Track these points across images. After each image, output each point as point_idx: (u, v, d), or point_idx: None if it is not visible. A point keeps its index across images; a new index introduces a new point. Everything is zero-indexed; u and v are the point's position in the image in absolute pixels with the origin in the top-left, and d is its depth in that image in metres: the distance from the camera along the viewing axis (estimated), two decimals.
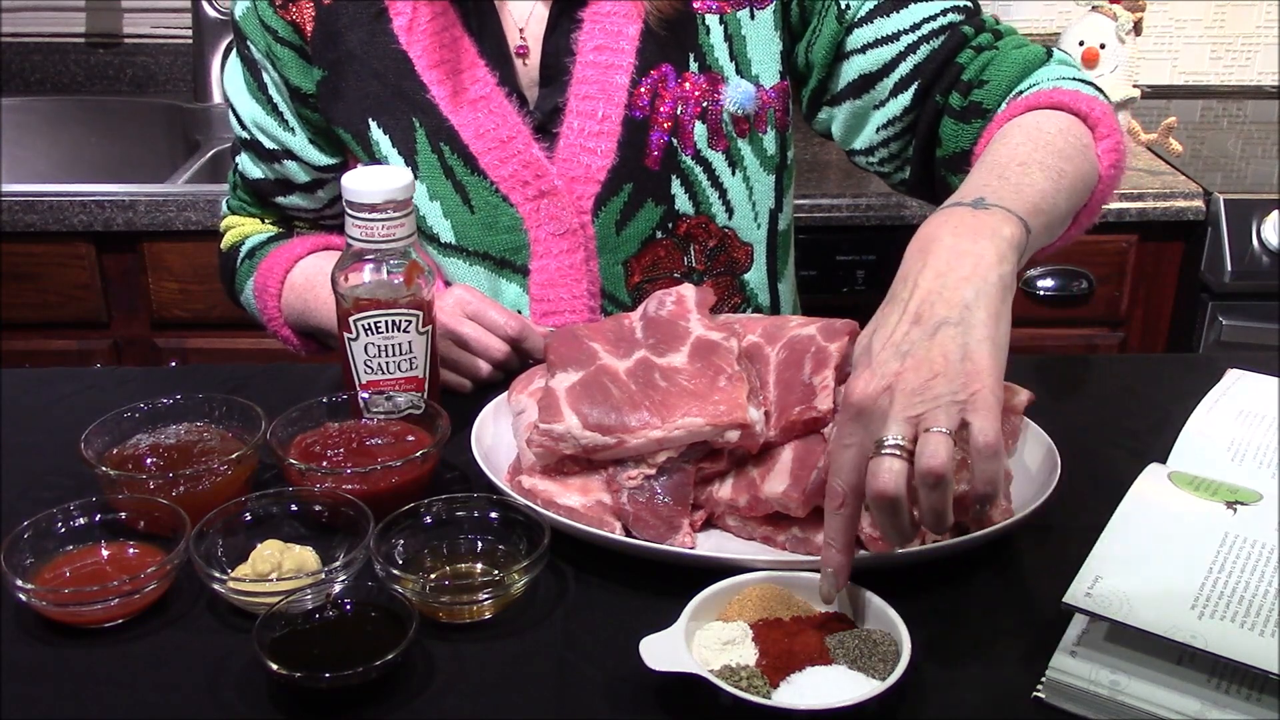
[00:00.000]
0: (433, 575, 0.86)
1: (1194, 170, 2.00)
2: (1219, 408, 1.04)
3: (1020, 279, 1.95)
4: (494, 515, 0.90)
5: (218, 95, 2.27)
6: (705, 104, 1.17)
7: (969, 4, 1.15)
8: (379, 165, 1.17)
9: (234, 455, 0.94)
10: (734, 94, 1.17)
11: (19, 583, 0.81)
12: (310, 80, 1.21)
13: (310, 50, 1.20)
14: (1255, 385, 1.08)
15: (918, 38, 1.13)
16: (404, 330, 0.99)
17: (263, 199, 1.32)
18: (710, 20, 1.17)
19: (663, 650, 0.74)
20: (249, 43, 1.23)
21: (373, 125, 1.20)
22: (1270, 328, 1.90)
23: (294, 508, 0.91)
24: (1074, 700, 0.73)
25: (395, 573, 0.82)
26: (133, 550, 0.87)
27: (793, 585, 0.82)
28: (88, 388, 1.18)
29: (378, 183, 0.96)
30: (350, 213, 0.97)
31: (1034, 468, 0.95)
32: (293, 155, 1.26)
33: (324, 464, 0.95)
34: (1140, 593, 0.72)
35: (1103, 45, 2.03)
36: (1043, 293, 1.97)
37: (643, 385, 0.92)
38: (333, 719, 0.75)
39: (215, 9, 2.24)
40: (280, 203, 1.31)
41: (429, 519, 0.89)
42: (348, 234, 0.98)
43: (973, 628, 0.82)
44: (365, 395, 1.01)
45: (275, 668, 0.74)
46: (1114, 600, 0.72)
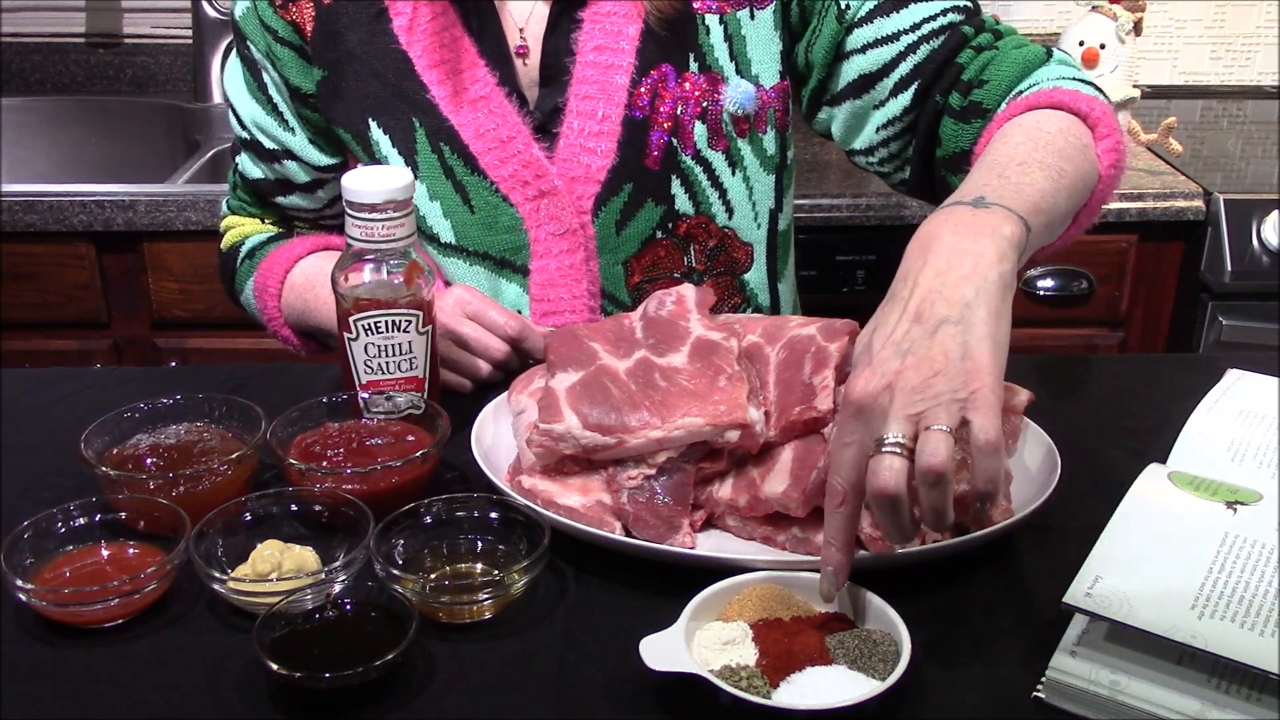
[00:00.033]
0: (433, 575, 0.86)
1: (1194, 170, 2.00)
2: (1219, 408, 1.04)
3: (1020, 279, 1.95)
4: (494, 515, 0.90)
5: (218, 95, 2.27)
6: (705, 104, 1.17)
7: (969, 4, 1.15)
8: (379, 165, 1.17)
9: (234, 455, 0.94)
10: (734, 94, 1.17)
11: (19, 583, 0.81)
12: (310, 80, 1.21)
13: (310, 50, 1.20)
14: (1255, 385, 1.07)
15: (918, 38, 1.13)
16: (404, 330, 0.99)
17: (263, 199, 1.32)
18: (710, 20, 1.17)
19: (663, 650, 0.74)
20: (249, 43, 1.23)
21: (373, 125, 1.20)
22: (1270, 328, 1.90)
23: (294, 508, 0.91)
24: (1074, 700, 0.73)
25: (395, 573, 0.82)
26: (133, 550, 0.87)
27: (793, 585, 0.82)
28: (88, 388, 1.18)
29: (378, 183, 0.96)
30: (350, 213, 0.97)
31: (1034, 468, 0.95)
32: (293, 155, 1.26)
33: (324, 464, 0.95)
34: (1140, 593, 0.72)
35: (1103, 45, 2.02)
36: (1043, 293, 1.97)
37: (643, 385, 0.92)
38: (333, 719, 0.75)
39: (215, 9, 2.24)
40: (280, 203, 1.31)
41: (429, 519, 0.89)
42: (348, 234, 0.98)
43: (973, 628, 0.82)
44: (365, 395, 1.01)
45: (275, 668, 0.74)
46: (1114, 600, 0.72)
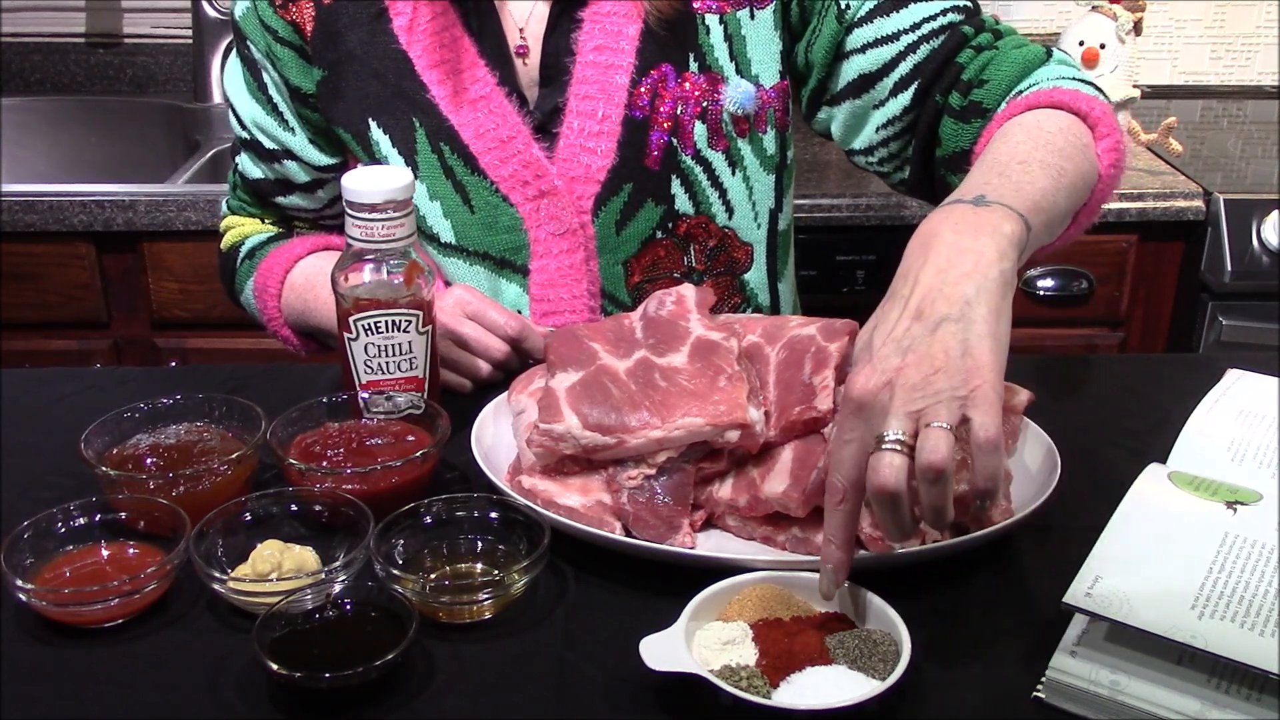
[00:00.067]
0: (433, 575, 0.86)
1: (1194, 170, 2.00)
2: (1219, 408, 1.04)
3: (1021, 279, 1.95)
4: (494, 515, 0.90)
5: (218, 95, 2.27)
6: (705, 104, 1.17)
7: (969, 4, 1.15)
8: (379, 165, 1.17)
9: (234, 455, 0.94)
10: (734, 94, 1.17)
11: (19, 583, 0.81)
12: (310, 80, 1.21)
13: (310, 50, 1.20)
14: (1255, 385, 1.07)
15: (918, 37, 1.13)
16: (404, 330, 0.99)
17: (263, 199, 1.32)
18: (710, 20, 1.17)
19: (663, 650, 0.74)
20: (249, 43, 1.23)
21: (373, 125, 1.20)
22: (1270, 328, 1.90)
23: (294, 508, 0.91)
24: (1074, 700, 0.73)
25: (395, 573, 0.82)
26: (133, 550, 0.87)
27: (793, 585, 0.82)
28: (88, 388, 1.18)
29: (378, 183, 0.96)
30: (350, 213, 0.97)
31: (1034, 468, 0.95)
32: (293, 155, 1.26)
33: (324, 464, 0.95)
34: (1140, 593, 0.72)
35: (1103, 45, 2.02)
36: (1043, 293, 1.97)
37: (643, 385, 0.92)
38: (333, 719, 0.75)
39: (215, 9, 2.24)
40: (280, 203, 1.31)
41: (429, 519, 0.89)
42: (348, 234, 0.98)
43: (973, 628, 0.82)
44: (365, 395, 1.01)
45: (275, 668, 0.74)
46: (1114, 600, 0.72)
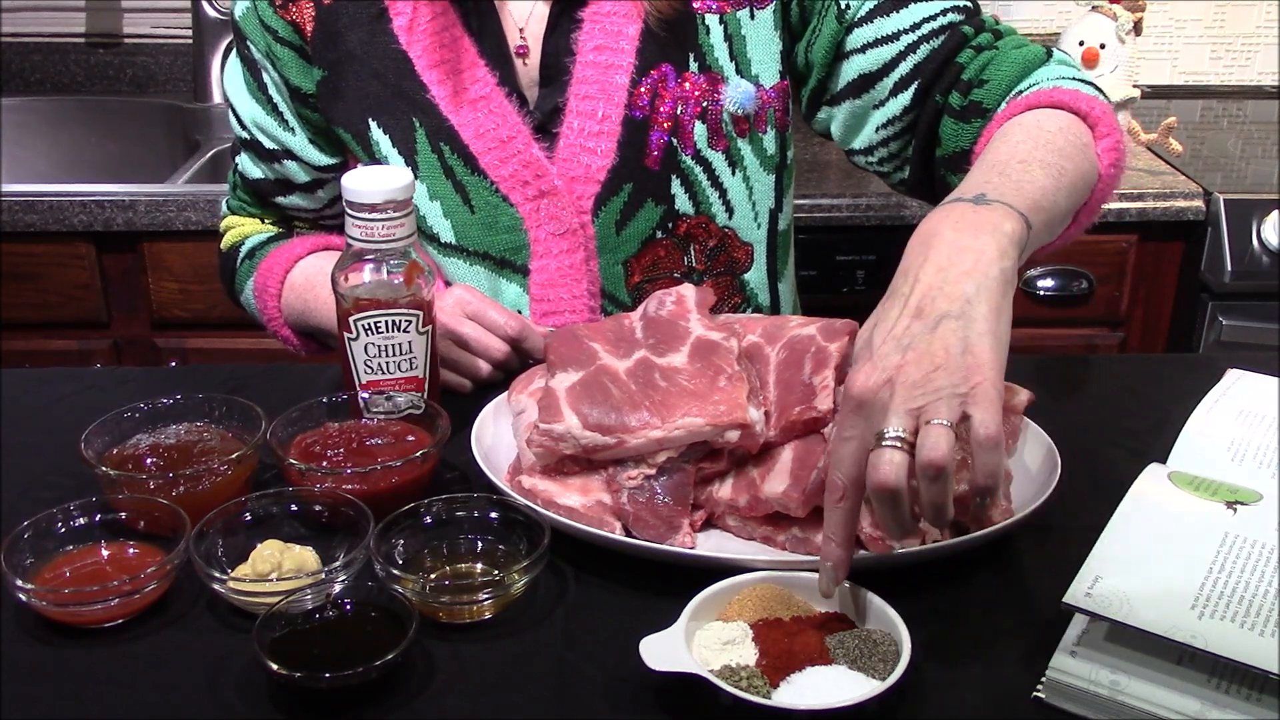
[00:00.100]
0: (433, 575, 0.86)
1: (1194, 170, 2.00)
2: (1219, 408, 1.04)
3: (1021, 278, 1.95)
4: (494, 515, 0.90)
5: (218, 95, 2.27)
6: (705, 104, 1.17)
7: (969, 4, 1.15)
8: (379, 165, 1.17)
9: (234, 455, 0.94)
10: (734, 94, 1.17)
11: (19, 583, 0.81)
12: (310, 80, 1.21)
13: (310, 50, 1.20)
14: (1255, 385, 1.07)
15: (918, 37, 1.13)
16: (404, 330, 0.99)
17: (263, 199, 1.32)
18: (710, 20, 1.17)
19: (663, 650, 0.74)
20: (249, 43, 1.23)
21: (373, 125, 1.20)
22: (1270, 328, 1.90)
23: (294, 508, 0.91)
24: (1074, 700, 0.73)
25: (395, 573, 0.82)
26: (133, 550, 0.87)
27: (793, 585, 0.82)
28: (88, 388, 1.18)
29: (378, 183, 0.96)
30: (350, 213, 0.97)
31: (1034, 468, 0.95)
32: (293, 155, 1.26)
33: (324, 464, 0.95)
34: (1140, 593, 0.72)
35: (1103, 45, 2.02)
36: (1043, 293, 1.97)
37: (643, 385, 0.92)
38: (333, 719, 0.75)
39: (215, 9, 2.24)
40: (280, 203, 1.31)
41: (429, 519, 0.89)
42: (348, 234, 0.98)
43: (973, 628, 0.82)
44: (365, 395, 1.01)
45: (275, 668, 0.74)
46: (1114, 600, 0.72)
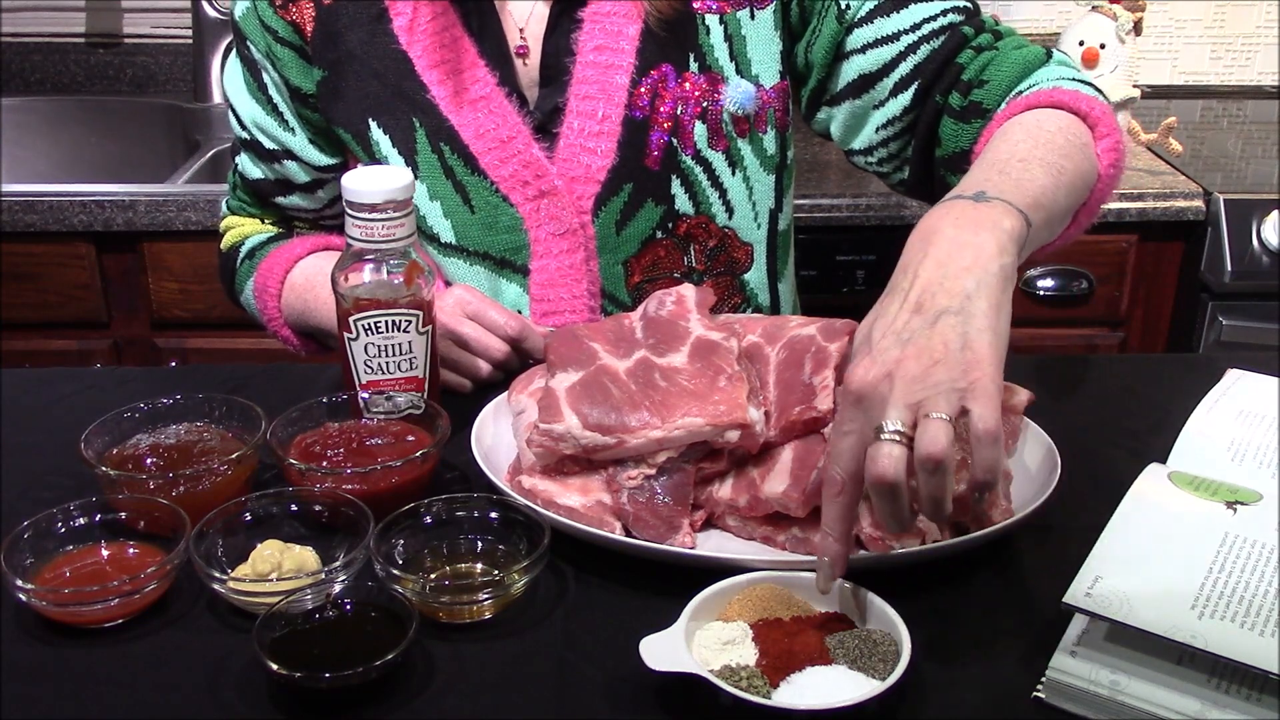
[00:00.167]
0: (433, 575, 0.86)
1: (1194, 170, 2.00)
2: (1219, 408, 1.04)
3: (1021, 278, 1.95)
4: (494, 515, 0.90)
5: (218, 95, 2.27)
6: (705, 104, 1.17)
7: (969, 4, 1.15)
8: (379, 165, 1.17)
9: (234, 455, 0.94)
10: (734, 94, 1.17)
11: (19, 583, 0.81)
12: (310, 80, 1.21)
13: (310, 50, 1.20)
14: (1255, 385, 1.07)
15: (918, 38, 1.13)
16: (404, 330, 0.99)
17: (263, 199, 1.32)
18: (710, 20, 1.17)
19: (663, 650, 0.74)
20: (249, 43, 1.23)
21: (373, 125, 1.20)
22: (1270, 328, 1.90)
23: (294, 508, 0.91)
24: (1074, 700, 0.73)
25: (395, 573, 0.82)
26: (133, 550, 0.87)
27: (793, 585, 0.82)
28: (88, 388, 1.18)
29: (378, 183, 0.96)
30: (350, 213, 0.97)
31: (1034, 468, 0.95)
32: (293, 155, 1.26)
33: (324, 464, 0.95)
34: (1140, 593, 0.72)
35: (1103, 45, 2.02)
36: (1043, 293, 1.97)
37: (643, 385, 0.92)
38: (333, 719, 0.75)
39: (215, 9, 2.24)
40: (280, 203, 1.31)
41: (429, 519, 0.89)
42: (348, 234, 0.98)
43: (973, 628, 0.82)
44: (365, 395, 1.01)
45: (275, 668, 0.74)
46: (1114, 600, 0.72)
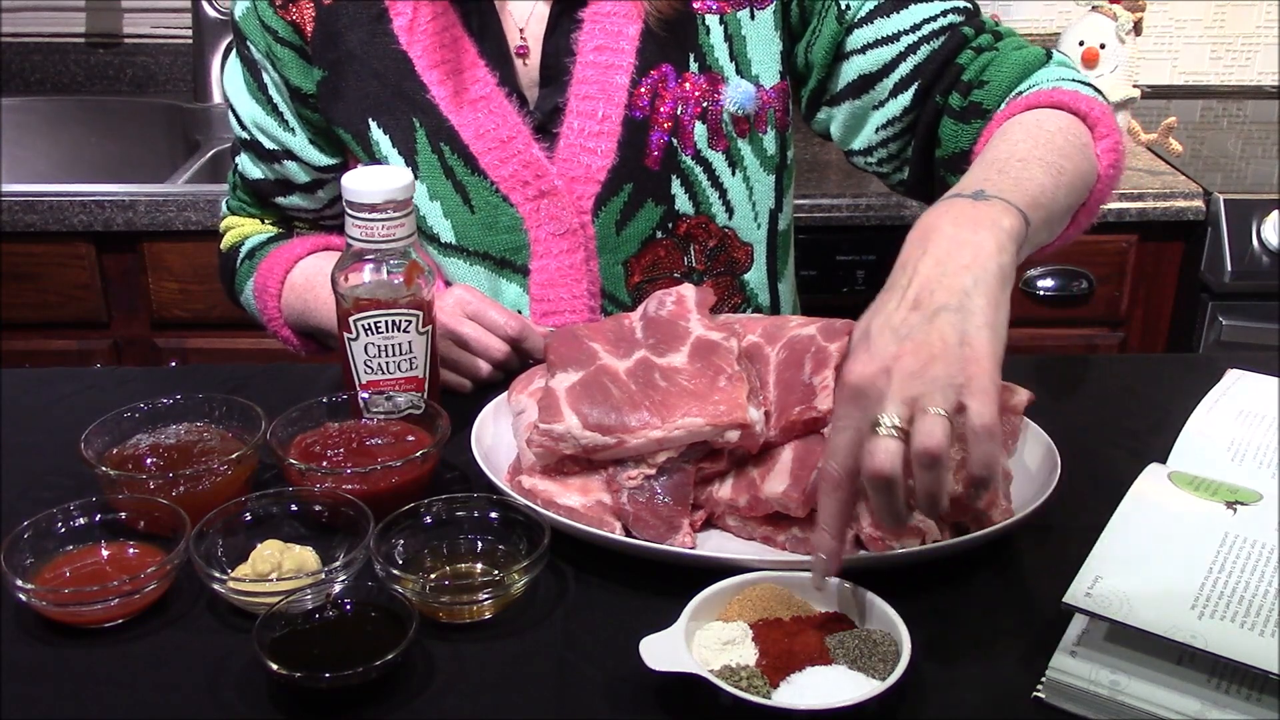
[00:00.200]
0: (433, 575, 0.86)
1: (1194, 170, 2.00)
2: (1219, 408, 1.04)
3: (1020, 278, 1.95)
4: (494, 515, 0.90)
5: (218, 95, 2.27)
6: (705, 104, 1.17)
7: (969, 5, 1.15)
8: (379, 165, 1.17)
9: (234, 455, 0.94)
10: (734, 94, 1.17)
11: (19, 583, 0.81)
12: (310, 80, 1.21)
13: (310, 50, 1.20)
14: (1255, 385, 1.07)
15: (918, 38, 1.13)
16: (404, 330, 0.99)
17: (263, 199, 1.32)
18: (710, 20, 1.17)
19: (663, 650, 0.74)
20: (249, 43, 1.23)
21: (373, 125, 1.20)
22: (1270, 328, 1.90)
23: (294, 508, 0.91)
24: (1074, 700, 0.73)
25: (395, 573, 0.82)
26: (133, 550, 0.87)
27: (793, 585, 0.82)
28: (88, 388, 1.18)
29: (378, 183, 0.96)
30: (350, 213, 0.97)
31: (1034, 468, 0.95)
32: (293, 155, 1.26)
33: (324, 464, 0.95)
34: (1140, 593, 0.72)
35: (1103, 45, 2.02)
36: (1043, 293, 1.97)
37: (643, 385, 0.92)
38: (333, 719, 0.75)
39: (215, 9, 2.24)
40: (280, 203, 1.31)
41: (429, 519, 0.89)
42: (348, 234, 0.98)
43: (973, 628, 0.82)
44: (365, 395, 1.01)
45: (275, 668, 0.74)
46: (1114, 600, 0.72)
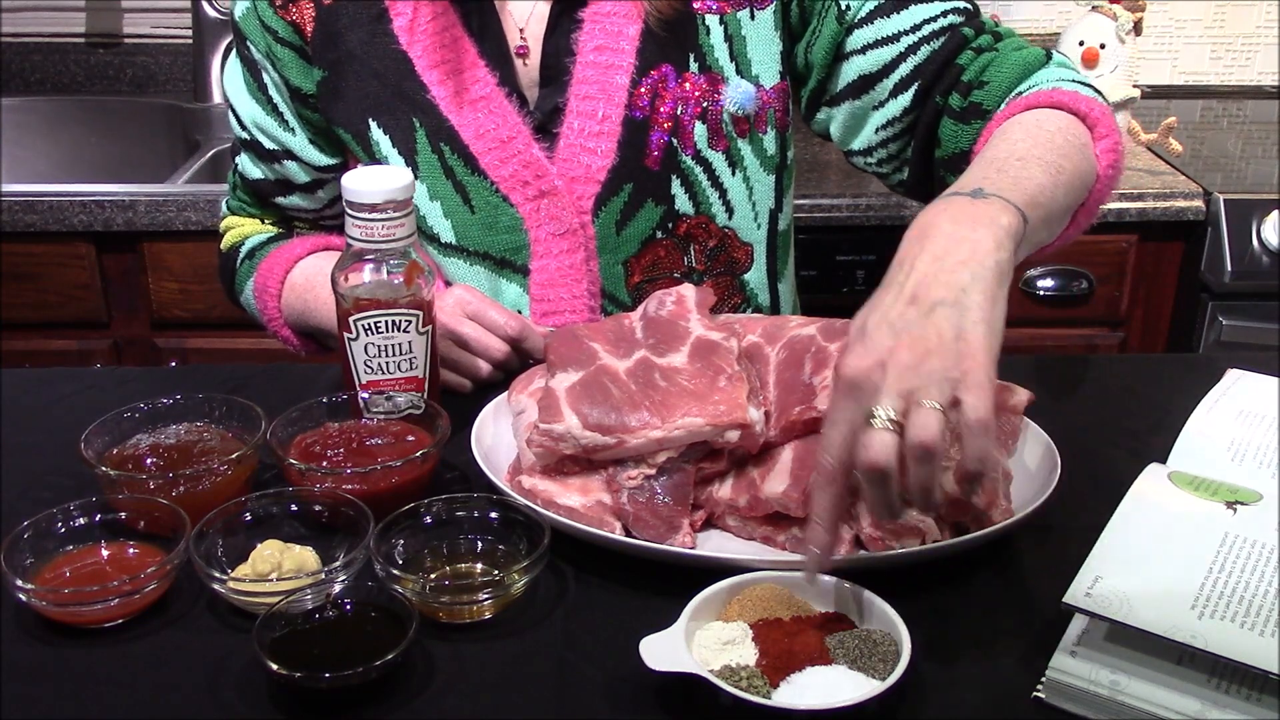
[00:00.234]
0: (433, 575, 0.86)
1: (1194, 170, 2.00)
2: (1219, 408, 1.04)
3: (1020, 279, 1.95)
4: (494, 515, 0.90)
5: (218, 95, 2.27)
6: (705, 104, 1.17)
7: (969, 6, 1.15)
8: (379, 165, 1.17)
9: (234, 455, 0.94)
10: (734, 94, 1.17)
11: (19, 583, 0.81)
12: (310, 80, 1.21)
13: (310, 50, 1.20)
14: (1255, 385, 1.07)
15: (918, 39, 1.13)
16: (404, 330, 0.99)
17: (263, 199, 1.32)
18: (710, 20, 1.17)
19: (663, 650, 0.74)
20: (249, 43, 1.23)
21: (373, 125, 1.20)
22: (1270, 328, 1.90)
23: (294, 508, 0.91)
24: (1074, 700, 0.73)
25: (395, 573, 0.82)
26: (133, 550, 0.87)
27: (793, 585, 0.82)
28: (88, 388, 1.18)
29: (378, 183, 0.96)
30: (350, 213, 0.97)
31: (1034, 468, 0.95)
32: (293, 155, 1.26)
33: (324, 464, 0.95)
34: (1140, 593, 0.72)
35: (1103, 45, 2.02)
36: (1043, 293, 1.97)
37: (643, 385, 0.92)
38: (333, 719, 0.75)
39: (215, 9, 2.24)
40: (280, 203, 1.31)
41: (429, 519, 0.89)
42: (348, 234, 0.98)
43: (973, 628, 0.82)
44: (365, 395, 1.01)
45: (275, 668, 0.74)
46: (1114, 600, 0.72)
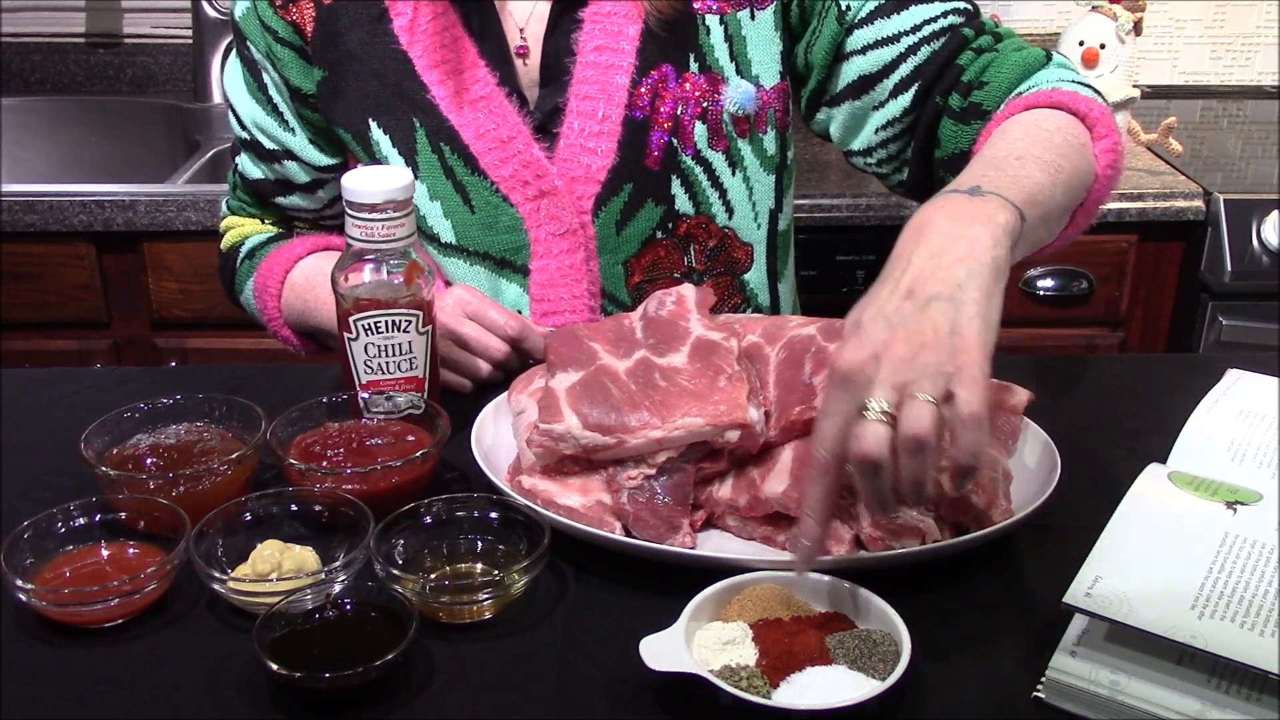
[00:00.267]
0: (433, 575, 0.86)
1: (1194, 170, 2.00)
2: (1219, 408, 1.04)
3: (1019, 279, 1.95)
4: (494, 515, 0.90)
5: (218, 95, 2.27)
6: (705, 104, 1.17)
7: (969, 7, 1.15)
8: (379, 165, 1.17)
9: (234, 455, 0.94)
10: (734, 94, 1.17)
11: (19, 583, 0.81)
12: (310, 80, 1.21)
13: (310, 50, 1.20)
14: (1255, 385, 1.07)
15: (918, 39, 1.13)
16: (404, 330, 0.99)
17: (263, 199, 1.32)
18: (710, 20, 1.17)
19: (663, 650, 0.74)
20: (249, 43, 1.23)
21: (373, 125, 1.20)
22: (1270, 328, 1.90)
23: (294, 508, 0.91)
24: (1074, 700, 0.73)
25: (395, 573, 0.82)
26: (133, 550, 0.87)
27: (793, 585, 0.82)
28: (88, 388, 1.18)
29: (378, 183, 0.96)
30: (350, 213, 0.97)
31: (1034, 468, 0.95)
32: (293, 155, 1.26)
33: (324, 464, 0.95)
34: (1140, 593, 0.72)
35: (1103, 45, 2.02)
36: (1043, 293, 1.97)
37: (643, 385, 0.92)
38: (333, 719, 0.75)
39: (215, 9, 2.24)
40: (280, 203, 1.31)
41: (429, 519, 0.89)
42: (348, 234, 0.98)
43: (973, 628, 0.82)
44: (365, 395, 1.01)
45: (275, 668, 0.74)
46: (1114, 600, 0.72)
